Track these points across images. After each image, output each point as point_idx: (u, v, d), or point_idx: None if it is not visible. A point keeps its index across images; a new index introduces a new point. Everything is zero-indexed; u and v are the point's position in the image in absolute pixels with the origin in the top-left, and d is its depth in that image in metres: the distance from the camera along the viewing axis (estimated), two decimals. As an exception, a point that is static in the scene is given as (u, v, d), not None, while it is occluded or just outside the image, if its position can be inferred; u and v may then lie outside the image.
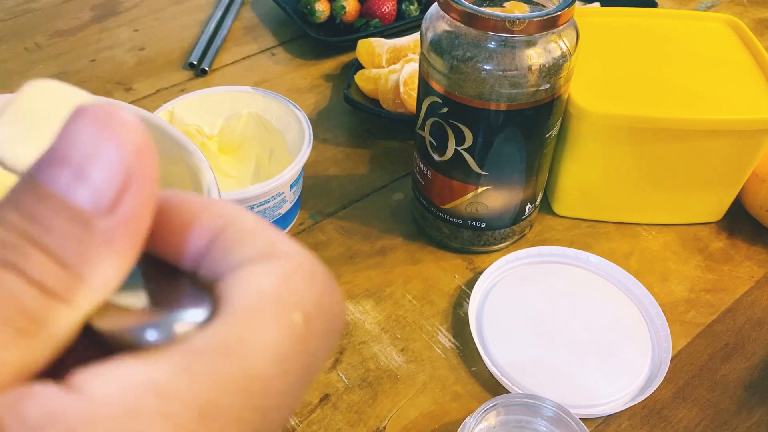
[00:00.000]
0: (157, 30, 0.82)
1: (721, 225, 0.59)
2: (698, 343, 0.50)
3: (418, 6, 0.80)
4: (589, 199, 0.57)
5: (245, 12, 0.85)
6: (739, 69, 0.55)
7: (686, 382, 0.48)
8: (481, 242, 0.55)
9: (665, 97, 0.52)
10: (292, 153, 0.54)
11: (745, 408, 0.47)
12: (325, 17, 0.78)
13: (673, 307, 0.52)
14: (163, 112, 0.56)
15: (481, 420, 0.40)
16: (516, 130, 0.47)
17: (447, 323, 0.51)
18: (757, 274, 0.55)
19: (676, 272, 0.55)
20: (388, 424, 0.45)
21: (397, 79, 0.64)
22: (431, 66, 0.47)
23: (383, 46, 0.68)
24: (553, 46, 0.44)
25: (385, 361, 0.48)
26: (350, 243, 0.57)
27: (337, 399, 0.46)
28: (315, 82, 0.74)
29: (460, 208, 0.52)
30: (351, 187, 0.62)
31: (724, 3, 0.89)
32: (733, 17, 0.59)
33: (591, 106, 0.51)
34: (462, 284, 0.54)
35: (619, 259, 0.55)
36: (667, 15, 0.62)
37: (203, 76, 0.74)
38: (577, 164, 0.55)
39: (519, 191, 0.52)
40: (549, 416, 0.41)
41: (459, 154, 0.49)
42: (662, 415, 0.46)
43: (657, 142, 0.52)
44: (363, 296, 0.53)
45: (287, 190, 0.54)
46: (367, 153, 0.65)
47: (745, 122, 0.51)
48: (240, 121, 0.58)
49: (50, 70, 0.75)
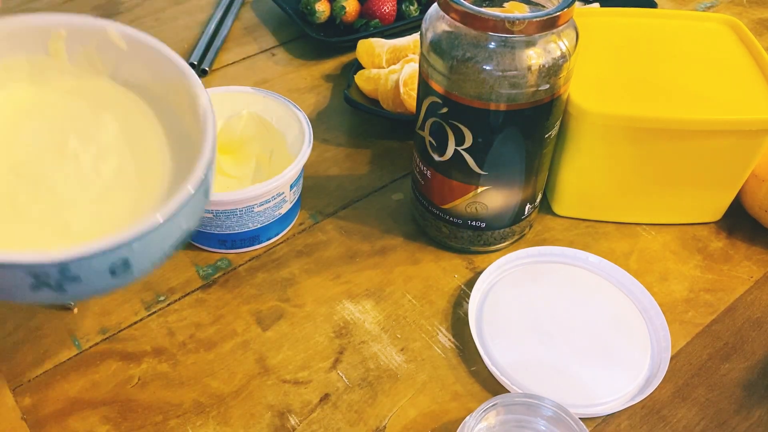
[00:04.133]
0: (157, 30, 0.82)
1: (720, 225, 0.59)
2: (697, 343, 0.50)
3: (418, 6, 0.80)
4: (589, 199, 0.58)
5: (245, 12, 0.85)
6: (738, 69, 0.55)
7: (685, 381, 0.48)
8: (480, 242, 0.55)
9: (665, 98, 0.52)
10: (292, 153, 0.54)
11: (745, 408, 0.47)
12: (325, 17, 0.78)
13: (672, 306, 0.52)
14: None
15: (480, 419, 0.41)
16: (516, 131, 0.47)
17: (447, 323, 0.51)
18: (757, 274, 0.55)
19: (675, 272, 0.55)
20: (388, 424, 0.45)
21: (397, 79, 0.64)
22: (431, 66, 0.47)
23: (383, 46, 0.69)
24: (552, 46, 0.44)
25: (385, 361, 0.49)
26: (350, 243, 0.57)
27: (337, 399, 0.46)
28: (315, 82, 0.74)
29: (459, 208, 0.52)
30: (351, 187, 0.62)
31: (724, 3, 0.89)
32: (732, 17, 0.59)
33: (591, 106, 0.51)
34: (462, 284, 0.54)
35: (618, 259, 0.55)
36: (667, 15, 0.62)
37: (203, 77, 0.74)
38: (576, 164, 0.55)
39: (519, 191, 0.52)
40: (548, 416, 0.41)
41: (459, 154, 0.49)
42: (661, 415, 0.46)
43: (656, 142, 0.52)
44: (363, 296, 0.53)
45: (287, 190, 0.54)
46: (367, 153, 0.66)
47: (744, 122, 0.51)
48: (240, 122, 0.58)
49: (50, 70, 0.75)
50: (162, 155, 0.39)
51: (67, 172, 0.38)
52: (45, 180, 0.37)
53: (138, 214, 0.37)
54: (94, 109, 0.41)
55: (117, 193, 0.38)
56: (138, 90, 0.42)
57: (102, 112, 0.41)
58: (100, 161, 0.38)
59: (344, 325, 0.51)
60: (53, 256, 0.32)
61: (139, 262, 0.35)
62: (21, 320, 0.50)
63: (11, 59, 0.38)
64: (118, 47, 0.40)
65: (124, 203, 0.38)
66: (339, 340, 0.50)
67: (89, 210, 0.37)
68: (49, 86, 0.41)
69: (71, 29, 0.39)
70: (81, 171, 0.38)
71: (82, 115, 0.40)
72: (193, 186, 0.35)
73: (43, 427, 0.44)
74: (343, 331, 0.50)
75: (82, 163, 0.38)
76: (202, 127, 0.38)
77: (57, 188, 0.37)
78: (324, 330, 0.50)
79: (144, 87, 0.42)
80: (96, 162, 0.38)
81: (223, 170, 0.57)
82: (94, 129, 0.40)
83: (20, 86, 0.40)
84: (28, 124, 0.39)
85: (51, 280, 0.33)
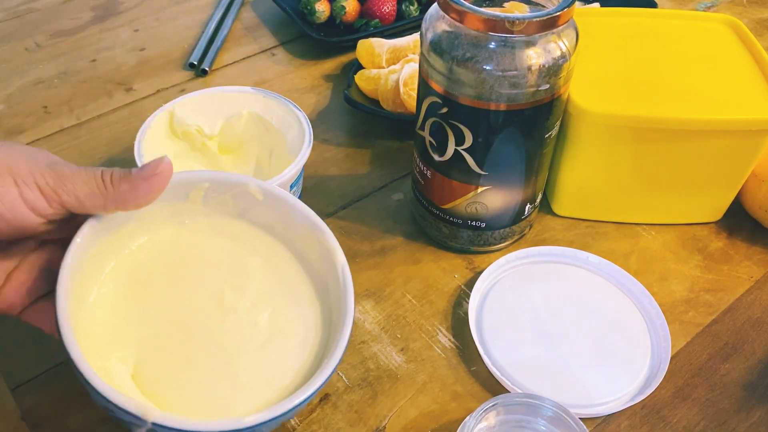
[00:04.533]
0: (157, 30, 0.82)
1: (720, 225, 0.59)
2: (697, 343, 0.50)
3: (418, 6, 0.80)
4: (589, 199, 0.58)
5: (245, 12, 0.85)
6: (738, 69, 0.55)
7: (685, 381, 0.48)
8: (480, 242, 0.55)
9: (665, 97, 0.52)
10: (292, 153, 0.54)
11: (745, 408, 0.47)
12: (325, 17, 0.78)
13: (672, 306, 0.52)
14: (164, 112, 0.56)
15: (480, 419, 0.41)
16: (516, 131, 0.47)
17: (447, 323, 0.51)
18: (757, 274, 0.55)
19: (675, 272, 0.55)
20: (388, 424, 0.45)
21: (397, 79, 0.64)
22: (431, 66, 0.47)
23: (383, 46, 0.69)
24: (552, 46, 0.44)
25: (385, 361, 0.49)
26: (350, 243, 0.57)
27: (337, 399, 0.46)
28: (315, 82, 0.74)
29: (459, 208, 0.52)
30: (351, 187, 0.62)
31: (724, 3, 0.89)
32: (732, 17, 0.59)
33: (591, 106, 0.51)
34: (462, 284, 0.54)
35: (618, 259, 0.55)
36: (667, 15, 0.62)
37: (203, 77, 0.74)
38: (576, 164, 0.55)
39: (519, 191, 0.52)
40: (548, 416, 0.41)
41: (459, 154, 0.49)
42: (661, 415, 0.46)
43: (656, 142, 0.52)
44: (363, 296, 0.53)
45: (287, 190, 0.54)
46: (367, 153, 0.66)
47: (744, 122, 0.51)
48: (240, 121, 0.58)
49: (50, 70, 0.75)
50: (305, 301, 0.43)
51: (229, 325, 0.41)
52: (212, 334, 0.40)
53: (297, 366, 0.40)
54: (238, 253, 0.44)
55: (275, 343, 0.41)
56: (267, 230, 0.45)
57: (246, 255, 0.44)
58: (256, 311, 0.41)
59: (344, 325, 0.51)
60: (249, 421, 0.34)
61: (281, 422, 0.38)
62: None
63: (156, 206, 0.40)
64: (254, 197, 0.44)
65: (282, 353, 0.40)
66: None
67: (253, 360, 0.40)
68: (186, 228, 0.44)
69: (213, 182, 0.43)
70: (241, 323, 0.41)
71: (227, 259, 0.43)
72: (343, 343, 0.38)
73: (43, 427, 0.44)
74: (343, 331, 0.50)
75: (241, 315, 0.41)
76: (342, 281, 0.41)
77: (224, 342, 0.40)
78: (324, 330, 0.50)
79: (271, 228, 0.45)
80: (252, 313, 0.41)
81: (224, 170, 0.57)
82: (244, 273, 0.43)
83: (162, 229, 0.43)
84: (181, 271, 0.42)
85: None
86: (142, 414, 0.33)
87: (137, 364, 0.38)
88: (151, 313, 0.40)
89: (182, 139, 0.57)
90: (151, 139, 0.55)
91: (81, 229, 0.37)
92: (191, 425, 0.34)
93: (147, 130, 0.55)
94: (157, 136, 0.56)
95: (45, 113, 0.70)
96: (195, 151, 0.58)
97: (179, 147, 0.57)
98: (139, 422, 0.34)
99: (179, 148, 0.57)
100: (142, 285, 0.41)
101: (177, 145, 0.57)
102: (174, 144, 0.57)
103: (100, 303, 0.40)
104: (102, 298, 0.40)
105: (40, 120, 0.69)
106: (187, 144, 0.57)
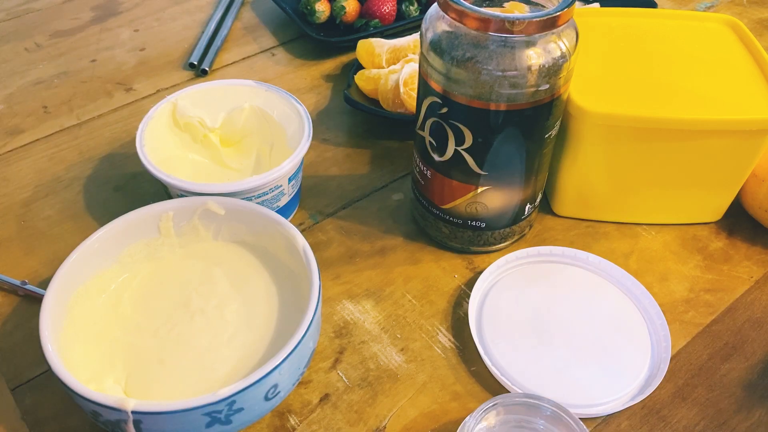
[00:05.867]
0: (157, 30, 0.82)
1: (720, 225, 0.59)
2: (697, 343, 0.50)
3: (418, 6, 0.80)
4: (589, 199, 0.58)
5: (245, 12, 0.85)
6: (738, 69, 0.55)
7: (685, 381, 0.48)
8: (480, 242, 0.55)
9: (665, 97, 0.52)
10: (292, 147, 0.54)
11: (745, 408, 0.47)
12: (325, 17, 0.78)
13: (672, 306, 0.52)
14: (166, 104, 0.57)
15: (480, 419, 0.41)
16: (515, 131, 0.47)
17: (447, 323, 0.51)
18: (757, 274, 0.55)
19: (675, 272, 0.55)
20: (388, 424, 0.45)
21: (397, 79, 0.64)
22: (431, 66, 0.47)
23: (383, 46, 0.69)
24: (552, 46, 0.44)
25: (385, 361, 0.49)
26: (350, 243, 0.57)
27: (337, 399, 0.46)
28: (315, 82, 0.74)
29: (459, 208, 0.52)
30: (351, 187, 0.62)
31: (724, 3, 0.89)
32: (732, 17, 0.59)
33: (591, 106, 0.51)
34: (462, 284, 0.54)
35: (618, 259, 0.55)
36: (667, 15, 0.62)
37: (203, 77, 0.74)
38: (576, 164, 0.55)
39: (518, 191, 0.52)
40: (548, 416, 0.41)
41: (459, 154, 0.49)
42: (661, 415, 0.46)
43: (656, 142, 0.52)
44: (363, 296, 0.53)
45: (285, 183, 0.54)
46: (367, 153, 0.66)
47: (744, 122, 0.51)
48: (242, 115, 0.58)
49: (50, 70, 0.75)
50: (269, 291, 0.47)
51: (198, 324, 0.45)
52: (182, 335, 0.44)
53: (267, 346, 0.44)
54: (206, 267, 0.49)
55: (243, 332, 0.45)
56: (239, 243, 0.50)
57: (212, 266, 0.49)
58: (221, 310, 0.46)
59: (344, 325, 0.51)
60: (222, 393, 0.37)
61: (285, 384, 0.41)
62: (21, 320, 0.50)
63: (133, 246, 0.48)
64: (216, 214, 0.49)
65: (252, 339, 0.44)
66: (339, 340, 0.50)
67: (225, 352, 0.43)
68: (164, 260, 0.49)
69: (177, 210, 0.49)
70: (209, 321, 0.45)
71: (196, 274, 0.48)
72: (311, 310, 0.41)
73: (43, 427, 0.44)
74: (343, 331, 0.50)
75: (208, 314, 0.46)
76: (306, 261, 0.45)
77: (196, 341, 0.44)
78: (324, 330, 0.50)
79: (243, 240, 0.50)
80: (219, 310, 0.46)
81: (224, 162, 0.58)
82: (209, 282, 0.48)
83: (142, 266, 0.49)
84: (155, 293, 0.47)
85: (221, 415, 0.38)
86: (120, 405, 0.36)
87: (127, 380, 0.42)
88: (131, 334, 0.45)
89: (184, 130, 0.58)
90: (152, 130, 0.55)
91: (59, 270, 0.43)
92: (168, 406, 0.36)
93: (149, 121, 0.55)
94: (159, 127, 0.56)
95: (45, 113, 0.70)
96: (196, 143, 0.58)
97: (181, 139, 0.58)
98: (120, 414, 0.37)
99: (180, 140, 0.57)
100: (122, 312, 0.46)
101: (178, 137, 0.57)
102: (175, 136, 0.57)
103: (89, 336, 0.44)
104: (89, 331, 0.44)
105: (40, 120, 0.69)
106: (188, 136, 0.58)
